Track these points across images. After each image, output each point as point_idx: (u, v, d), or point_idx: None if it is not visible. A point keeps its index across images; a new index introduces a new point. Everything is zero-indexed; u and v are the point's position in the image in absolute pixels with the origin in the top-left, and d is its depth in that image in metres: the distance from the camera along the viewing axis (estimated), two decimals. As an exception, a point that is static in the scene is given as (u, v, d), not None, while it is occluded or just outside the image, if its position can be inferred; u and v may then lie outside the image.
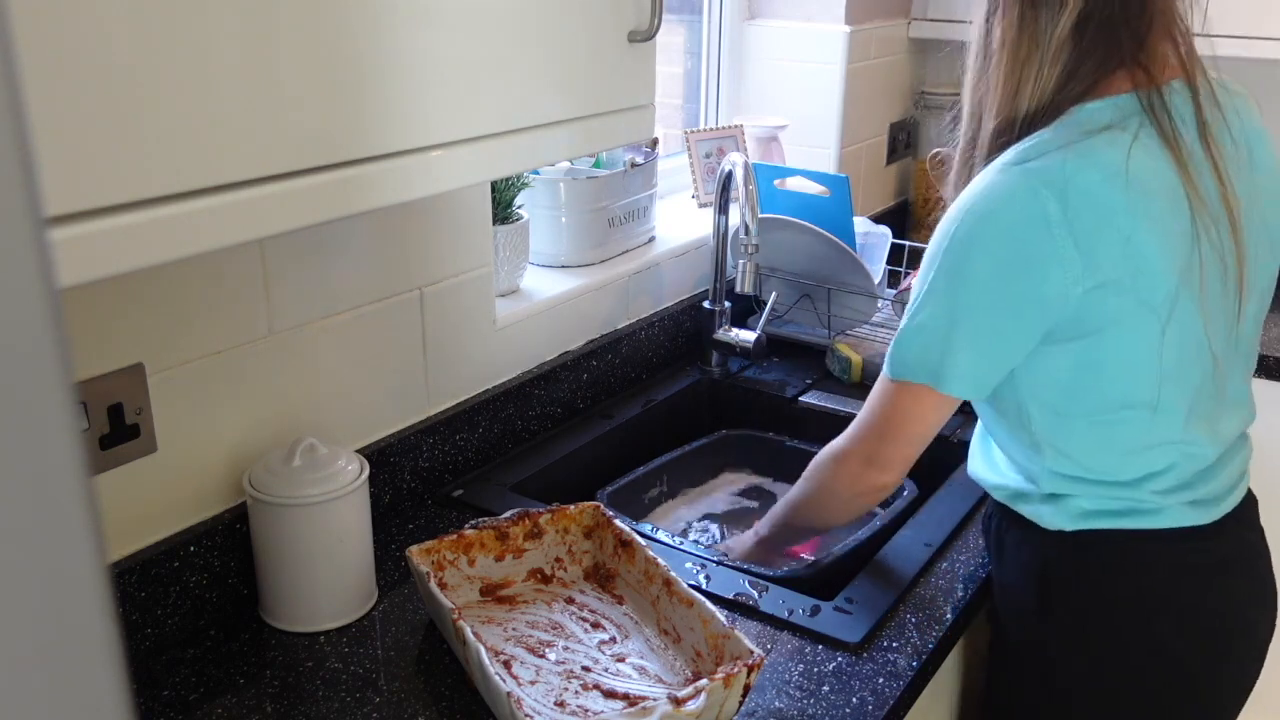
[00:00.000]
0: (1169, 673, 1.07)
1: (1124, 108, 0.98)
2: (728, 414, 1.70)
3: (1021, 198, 0.95)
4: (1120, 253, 0.94)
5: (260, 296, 1.11)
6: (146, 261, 0.66)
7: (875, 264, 1.80)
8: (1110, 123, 0.97)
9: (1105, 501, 1.05)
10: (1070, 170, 0.94)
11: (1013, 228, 0.96)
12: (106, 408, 0.98)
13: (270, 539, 1.06)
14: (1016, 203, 0.95)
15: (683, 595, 1.03)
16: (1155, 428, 1.02)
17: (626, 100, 1.01)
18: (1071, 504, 1.06)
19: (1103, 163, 0.95)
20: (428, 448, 1.33)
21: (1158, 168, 0.96)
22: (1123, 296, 0.96)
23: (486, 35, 0.85)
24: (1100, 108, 0.99)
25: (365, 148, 0.77)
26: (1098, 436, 1.03)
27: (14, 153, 0.26)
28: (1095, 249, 0.94)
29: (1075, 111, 0.99)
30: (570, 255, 1.63)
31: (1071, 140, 0.96)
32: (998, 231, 0.96)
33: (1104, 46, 0.99)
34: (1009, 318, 0.98)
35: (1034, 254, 0.95)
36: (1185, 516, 1.05)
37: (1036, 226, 0.94)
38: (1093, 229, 0.94)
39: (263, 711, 0.97)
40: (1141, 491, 1.04)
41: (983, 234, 0.97)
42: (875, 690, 1.01)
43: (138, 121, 0.63)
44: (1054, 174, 0.94)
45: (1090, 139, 0.96)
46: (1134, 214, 0.94)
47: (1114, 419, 1.02)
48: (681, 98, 2.18)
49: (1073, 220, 0.93)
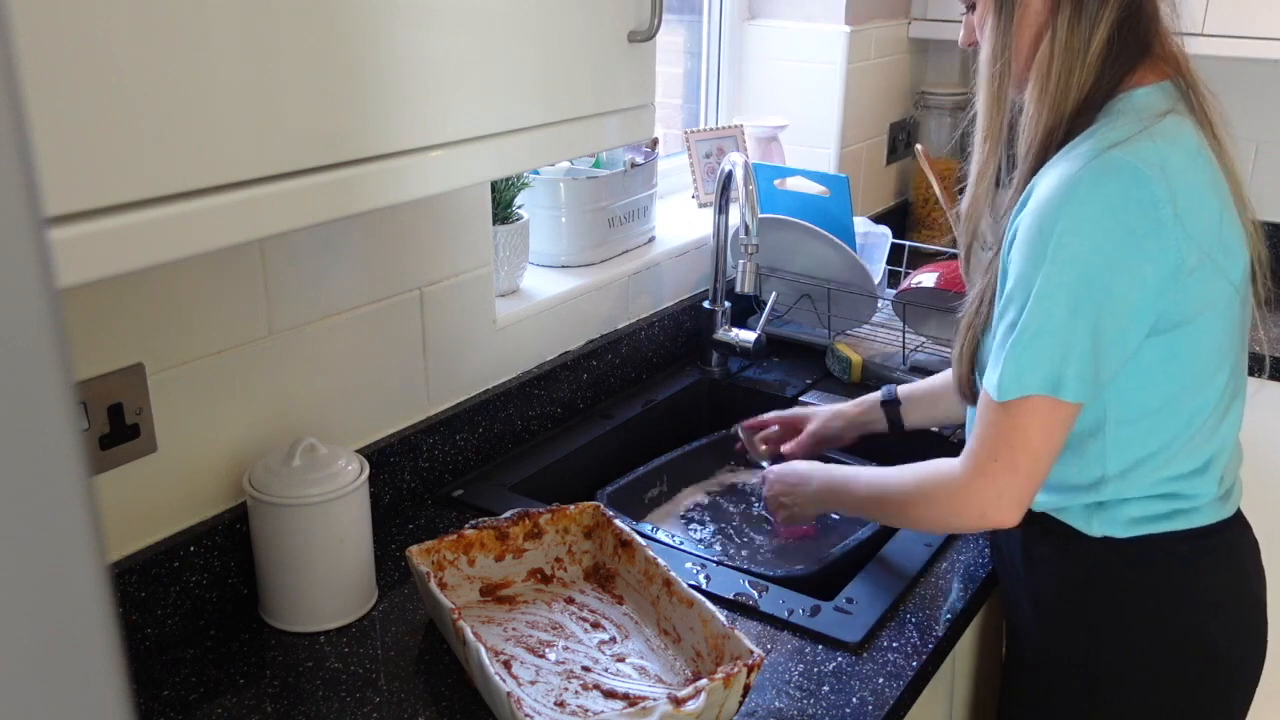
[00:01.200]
0: (1213, 665, 1.09)
1: (1170, 93, 1.01)
2: (728, 414, 1.70)
3: (1125, 182, 0.93)
4: (1214, 231, 0.96)
5: (260, 296, 1.11)
6: (146, 261, 0.66)
7: (875, 264, 1.80)
8: (1168, 107, 0.99)
9: (1154, 505, 1.05)
10: (1163, 152, 0.94)
11: (1122, 213, 0.93)
12: (106, 408, 0.98)
13: (270, 539, 1.06)
14: (1121, 187, 0.93)
15: (683, 595, 1.03)
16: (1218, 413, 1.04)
17: (626, 100, 1.01)
18: (1122, 511, 1.05)
19: (1182, 143, 0.97)
20: (428, 448, 1.33)
21: (1210, 150, 1.00)
22: (1219, 277, 0.98)
23: (486, 35, 0.85)
24: (1149, 93, 1.00)
25: (365, 148, 0.77)
26: (1171, 433, 1.03)
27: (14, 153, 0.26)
28: (1195, 226, 0.95)
29: (1126, 99, 1.00)
30: (570, 255, 1.63)
31: (1145, 125, 0.96)
32: (1107, 218, 0.93)
33: (1135, 42, 1.01)
34: (1134, 300, 0.95)
35: (1151, 231, 0.93)
36: (1215, 511, 1.07)
37: (1145, 209, 0.93)
38: (1193, 208, 0.95)
39: (263, 711, 0.97)
40: (1197, 482, 1.05)
41: (1092, 218, 0.93)
42: (875, 690, 1.01)
43: (138, 121, 0.63)
44: (1149, 156, 0.94)
45: (1161, 122, 0.97)
46: (1218, 192, 0.97)
47: (1191, 411, 1.03)
48: (681, 98, 2.18)
49: (1176, 200, 0.93)
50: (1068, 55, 1.00)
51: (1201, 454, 1.05)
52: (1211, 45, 1.90)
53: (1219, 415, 1.05)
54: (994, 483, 1.00)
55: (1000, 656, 1.41)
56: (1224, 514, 1.08)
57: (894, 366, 1.67)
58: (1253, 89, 2.15)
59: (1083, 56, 1.00)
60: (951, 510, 1.05)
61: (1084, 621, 1.10)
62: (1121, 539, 1.06)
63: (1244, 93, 2.14)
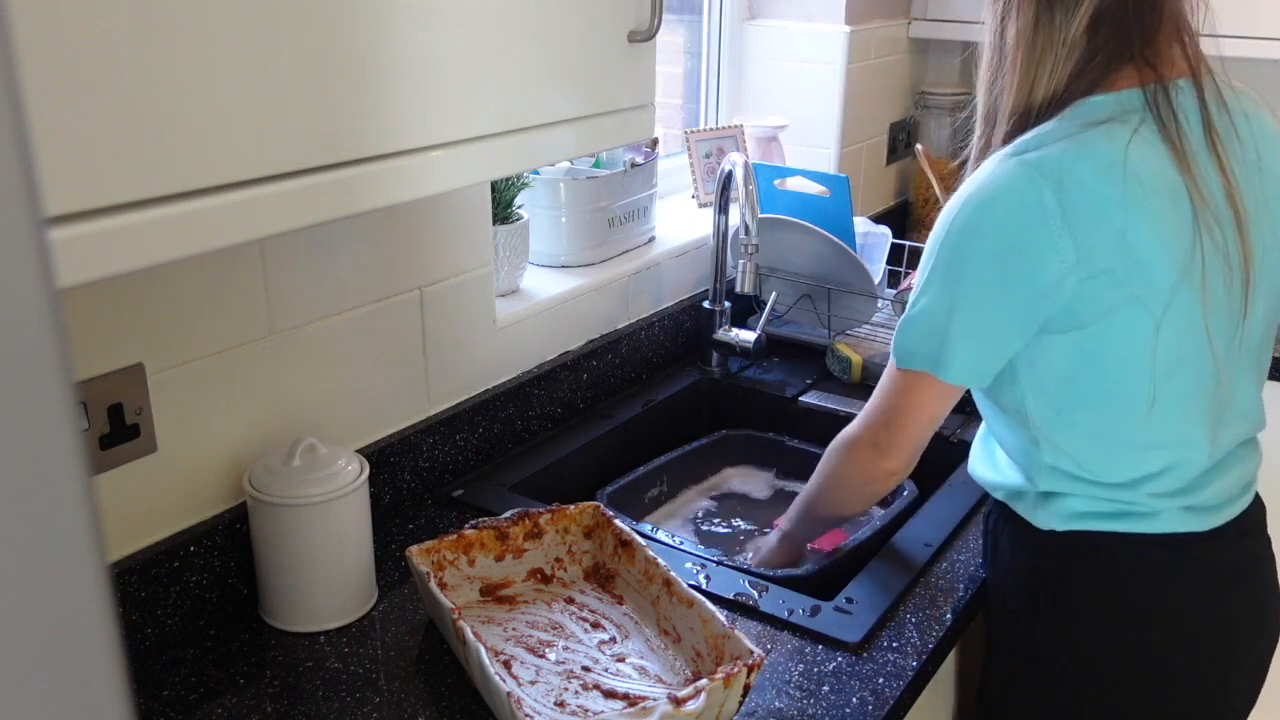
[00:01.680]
0: (1156, 680, 1.07)
1: (1126, 103, 0.99)
2: (728, 414, 1.70)
3: (1018, 187, 0.96)
4: (1115, 245, 0.95)
5: (260, 296, 1.11)
6: (146, 261, 0.66)
7: (875, 264, 1.80)
8: (1111, 116, 0.98)
9: (1099, 503, 1.05)
10: (1067, 161, 0.95)
11: (1009, 217, 0.96)
12: (106, 408, 0.98)
13: (270, 539, 1.06)
14: (1013, 192, 0.96)
15: (683, 595, 1.03)
16: (1151, 426, 1.01)
17: (626, 100, 1.01)
18: (1065, 504, 1.06)
19: (1098, 155, 0.95)
20: (428, 448, 1.33)
21: (1158, 164, 0.97)
22: (1117, 289, 0.96)
23: (486, 35, 0.85)
24: (1103, 101, 0.99)
25: (365, 148, 0.77)
26: (1094, 433, 1.03)
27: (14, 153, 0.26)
28: (1089, 239, 0.94)
29: (1079, 105, 1.00)
30: (570, 255, 1.63)
31: (1070, 132, 0.97)
32: (995, 221, 0.97)
33: (1115, 42, 0.99)
34: (1006, 306, 0.99)
35: (1030, 242, 0.95)
36: (1180, 522, 1.04)
37: (1032, 216, 0.95)
38: (1087, 219, 0.94)
39: (263, 711, 0.97)
40: (1137, 493, 1.04)
41: (980, 223, 0.98)
42: (875, 690, 1.01)
43: (138, 121, 0.63)
44: (1050, 164, 0.95)
45: (1088, 131, 0.97)
46: (1128, 207, 0.95)
47: (1110, 414, 1.02)
48: (681, 98, 2.18)
49: (1067, 210, 0.94)
50: (1036, 45, 1.00)
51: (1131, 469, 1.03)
52: (1211, 45, 1.90)
53: (1162, 429, 1.01)
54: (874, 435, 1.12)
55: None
56: (1192, 526, 1.04)
57: (894, 366, 1.67)
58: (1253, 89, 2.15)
59: (1053, 49, 1.00)
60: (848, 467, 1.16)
61: (1030, 612, 1.11)
62: (1063, 532, 1.06)
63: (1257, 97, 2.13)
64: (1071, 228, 0.94)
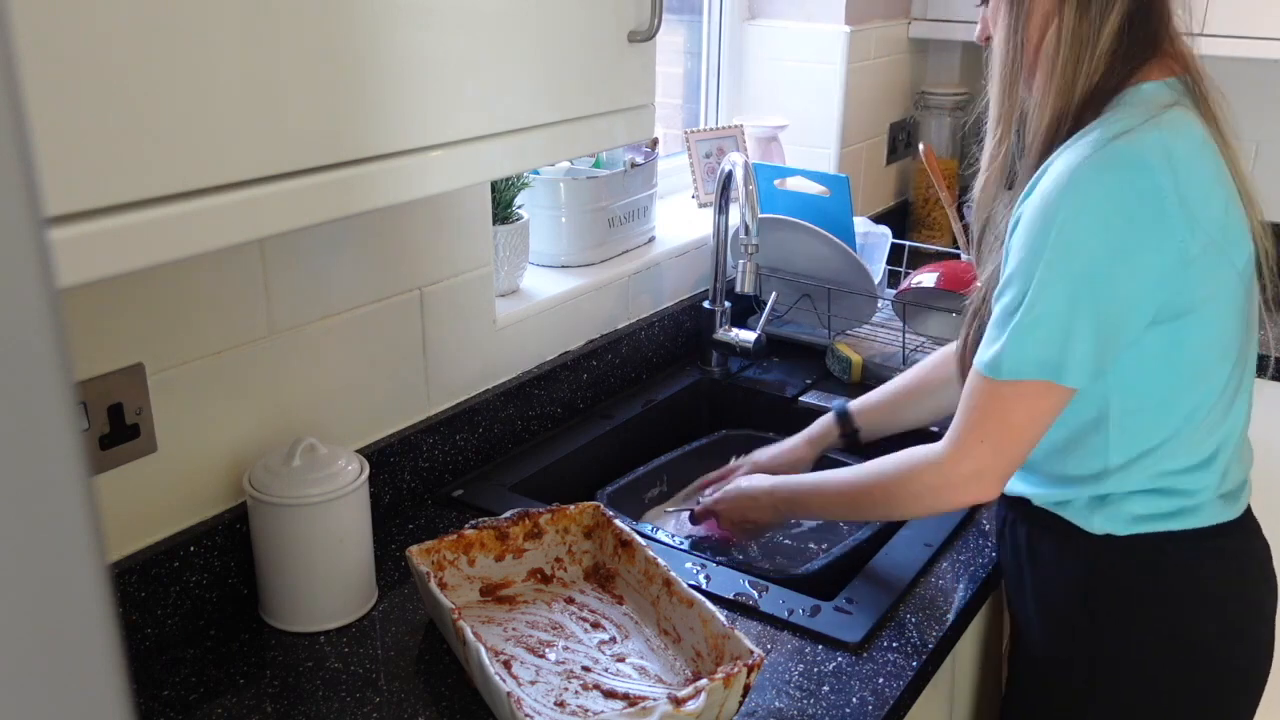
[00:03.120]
0: (1211, 670, 1.09)
1: (1176, 89, 1.02)
2: (728, 414, 1.70)
3: (1131, 167, 0.95)
4: (1221, 219, 0.98)
5: (260, 296, 1.11)
6: (146, 261, 0.66)
7: (875, 264, 1.80)
8: (1173, 100, 1.00)
9: (1156, 503, 1.05)
10: (1168, 141, 0.96)
11: (1125, 202, 0.94)
12: (106, 408, 0.98)
13: (270, 539, 1.06)
14: (1127, 173, 0.95)
15: (683, 595, 1.03)
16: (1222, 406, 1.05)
17: (626, 100, 1.01)
18: (1124, 508, 1.06)
19: (1188, 134, 0.98)
20: (428, 448, 1.33)
21: (1214, 143, 1.01)
22: (1223, 265, 0.99)
23: (486, 35, 0.85)
24: (1157, 88, 1.01)
25: (365, 148, 0.77)
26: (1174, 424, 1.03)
27: (14, 153, 0.26)
28: (1201, 215, 0.96)
29: (1133, 92, 1.01)
30: (570, 255, 1.63)
31: (1151, 115, 0.97)
32: (1111, 203, 0.95)
33: (1145, 38, 1.02)
34: (1133, 288, 0.96)
35: (1153, 221, 0.94)
36: (1218, 512, 1.07)
37: (1151, 194, 0.94)
38: (1199, 196, 0.96)
39: (263, 711, 0.97)
40: (1191, 480, 1.05)
41: (1093, 208, 0.95)
42: (875, 690, 1.01)
43: (138, 121, 0.63)
44: (1154, 146, 0.95)
45: (1168, 113, 0.98)
46: (1223, 182, 0.99)
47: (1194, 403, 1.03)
48: (681, 98, 2.18)
49: (1182, 188, 0.95)
50: (1075, 45, 1.01)
51: (1204, 447, 1.05)
52: (1212, 45, 1.90)
53: (1223, 408, 1.05)
54: (977, 461, 1.03)
55: (1000, 655, 1.41)
56: (1228, 515, 1.08)
57: (894, 366, 1.67)
58: (1253, 89, 2.15)
59: (1091, 47, 1.01)
60: (935, 490, 1.07)
61: (1085, 619, 1.10)
62: (1122, 536, 1.06)
63: (1244, 93, 2.13)
64: (1187, 206, 0.95)
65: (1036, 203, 0.98)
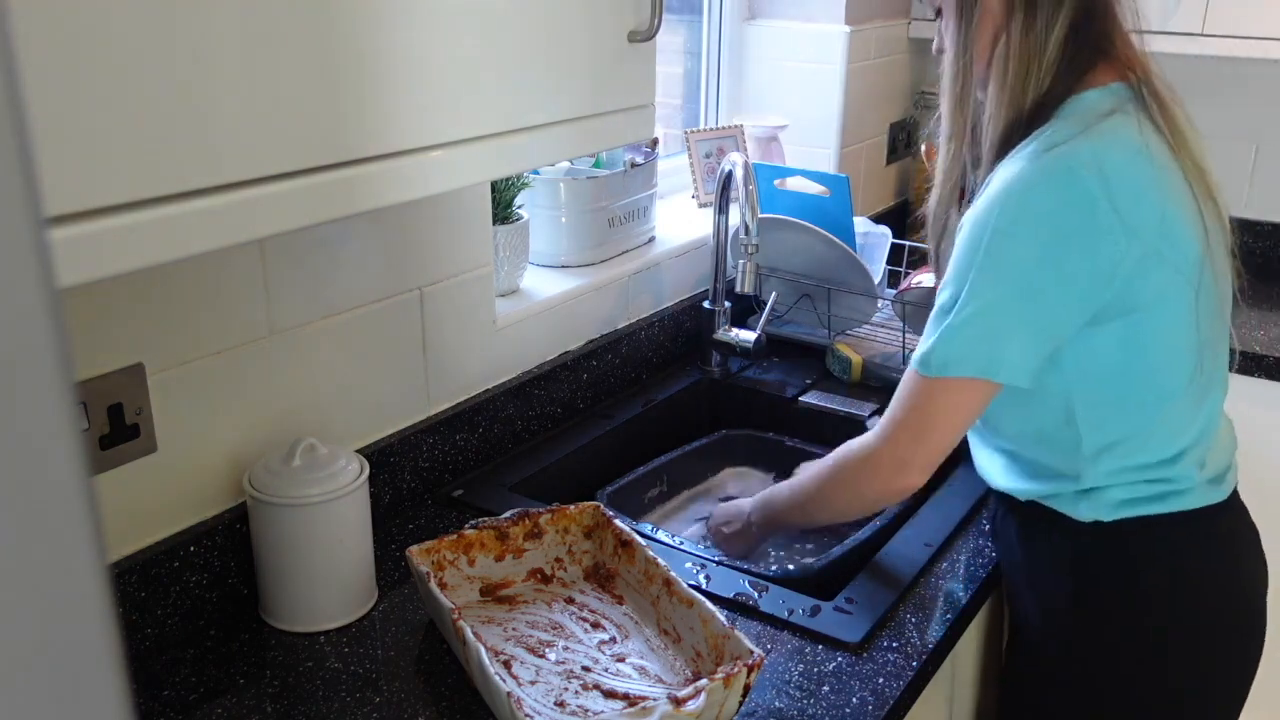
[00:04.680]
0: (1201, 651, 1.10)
1: (1119, 94, 1.04)
2: (728, 414, 1.70)
3: (1061, 179, 0.98)
4: (1157, 223, 0.99)
5: (260, 296, 1.11)
6: (146, 261, 0.66)
7: (875, 264, 1.80)
8: (1113, 107, 1.02)
9: (1139, 488, 1.07)
10: (1099, 150, 0.98)
11: (1057, 209, 0.98)
12: (106, 408, 0.98)
13: (270, 539, 1.06)
14: (1057, 184, 0.98)
15: (683, 595, 1.03)
16: (1190, 400, 1.06)
17: (626, 100, 1.01)
18: (1108, 495, 1.08)
19: (1124, 142, 1.00)
20: (428, 448, 1.33)
21: (1160, 147, 1.02)
22: (1164, 268, 1.00)
23: (486, 35, 0.85)
24: (1099, 95, 1.03)
25: (365, 148, 0.77)
26: (1140, 416, 1.05)
27: (14, 153, 0.26)
28: (1136, 221, 0.98)
29: (1074, 101, 1.03)
30: (570, 255, 1.63)
31: (1085, 125, 1.00)
32: (1041, 214, 0.99)
33: (1091, 44, 1.04)
34: (1060, 296, 1.00)
35: (1081, 230, 0.97)
36: (1206, 495, 1.08)
37: (1080, 204, 0.97)
38: (1132, 202, 0.98)
39: (263, 711, 0.97)
40: (1174, 469, 1.06)
41: (1025, 219, 0.99)
42: (875, 690, 1.01)
43: (138, 121, 0.63)
44: (1085, 154, 0.98)
45: (1104, 122, 1.00)
46: (1160, 187, 1.00)
47: (1156, 395, 1.05)
48: (681, 98, 2.18)
49: (1114, 195, 0.97)
50: (1023, 56, 1.04)
51: (1176, 442, 1.07)
52: (1211, 45, 1.90)
53: (1192, 403, 1.07)
54: (900, 450, 1.08)
55: (1001, 652, 1.41)
56: (1215, 498, 1.09)
57: (894, 366, 1.67)
58: (1253, 89, 2.15)
59: (1039, 57, 1.03)
60: (862, 479, 1.13)
61: (1078, 605, 1.12)
62: (1110, 521, 1.08)
63: (1244, 93, 2.14)
64: (1119, 211, 0.97)
65: (975, 213, 1.02)
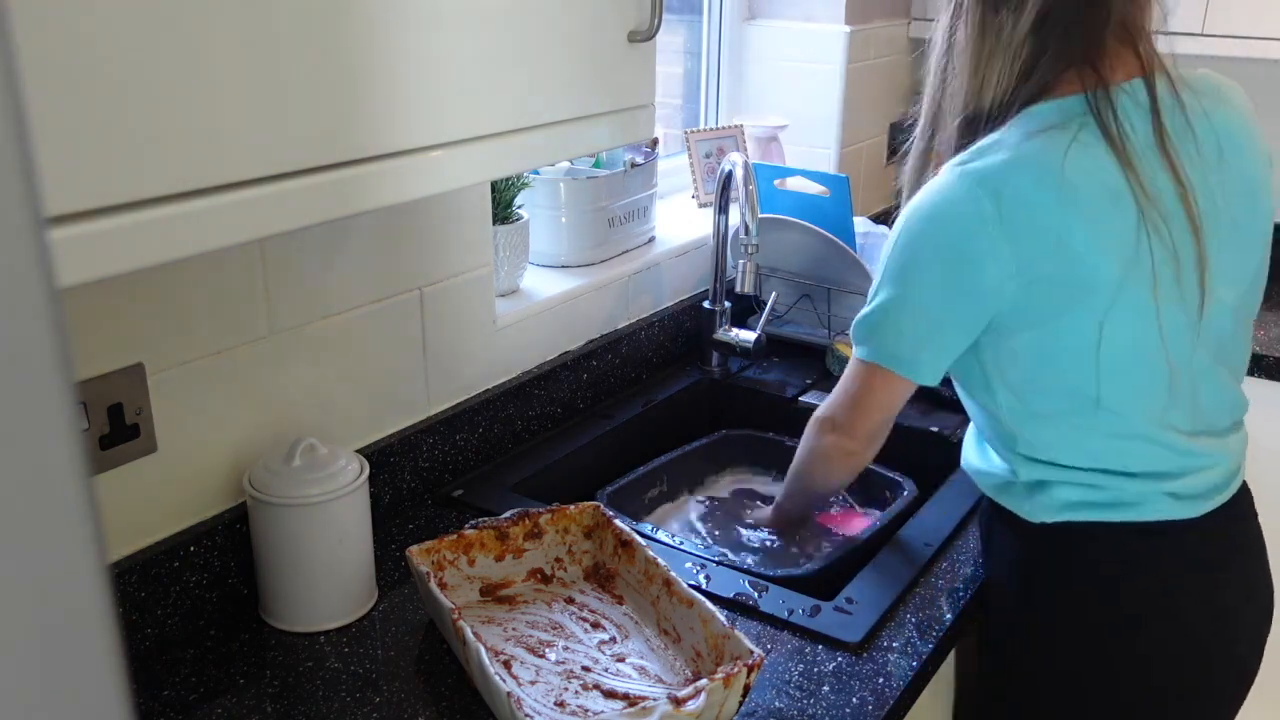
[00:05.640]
0: (1152, 664, 1.08)
1: (1068, 109, 1.01)
2: (728, 414, 1.70)
3: (960, 198, 1.00)
4: (1052, 250, 0.98)
5: (260, 296, 1.10)
6: (146, 261, 0.66)
7: (875, 264, 1.80)
8: (1052, 124, 1.00)
9: (1088, 491, 1.06)
10: (1005, 172, 0.99)
11: (952, 226, 1.01)
12: (106, 408, 0.98)
13: (270, 539, 1.06)
14: (955, 203, 1.00)
15: (683, 595, 1.03)
16: (1109, 421, 1.04)
17: (626, 100, 1.01)
18: (1054, 494, 1.07)
19: (1037, 165, 0.98)
20: (428, 448, 1.33)
21: (1097, 166, 0.98)
22: (1058, 290, 1.00)
23: (486, 35, 0.85)
24: (1047, 109, 1.02)
25: (365, 148, 0.77)
26: (1059, 425, 1.06)
27: (14, 153, 0.26)
28: (1027, 246, 0.98)
29: (1024, 114, 1.03)
30: (570, 255, 1.63)
31: (1012, 143, 1.00)
32: (940, 229, 1.02)
33: (1059, 45, 1.01)
34: (949, 309, 1.04)
35: (971, 249, 1.00)
36: (1166, 509, 1.05)
37: (972, 225, 0.99)
38: (1024, 227, 0.98)
39: (263, 711, 0.97)
40: (1116, 480, 1.06)
41: (926, 231, 1.03)
42: (875, 690, 1.01)
43: (137, 121, 0.63)
44: (990, 175, 0.99)
45: (1029, 142, 0.99)
46: (1065, 212, 0.98)
47: (1069, 408, 1.05)
48: (681, 98, 2.18)
49: (1005, 218, 0.98)
50: (985, 50, 1.03)
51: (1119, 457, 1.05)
52: (1211, 45, 1.90)
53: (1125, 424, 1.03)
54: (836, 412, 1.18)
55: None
56: (1180, 514, 1.05)
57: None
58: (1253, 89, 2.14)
59: (1001, 53, 1.02)
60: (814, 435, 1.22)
61: (1022, 604, 1.12)
62: (1055, 523, 1.08)
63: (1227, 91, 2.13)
64: (1010, 235, 0.98)
65: (905, 208, 1.07)
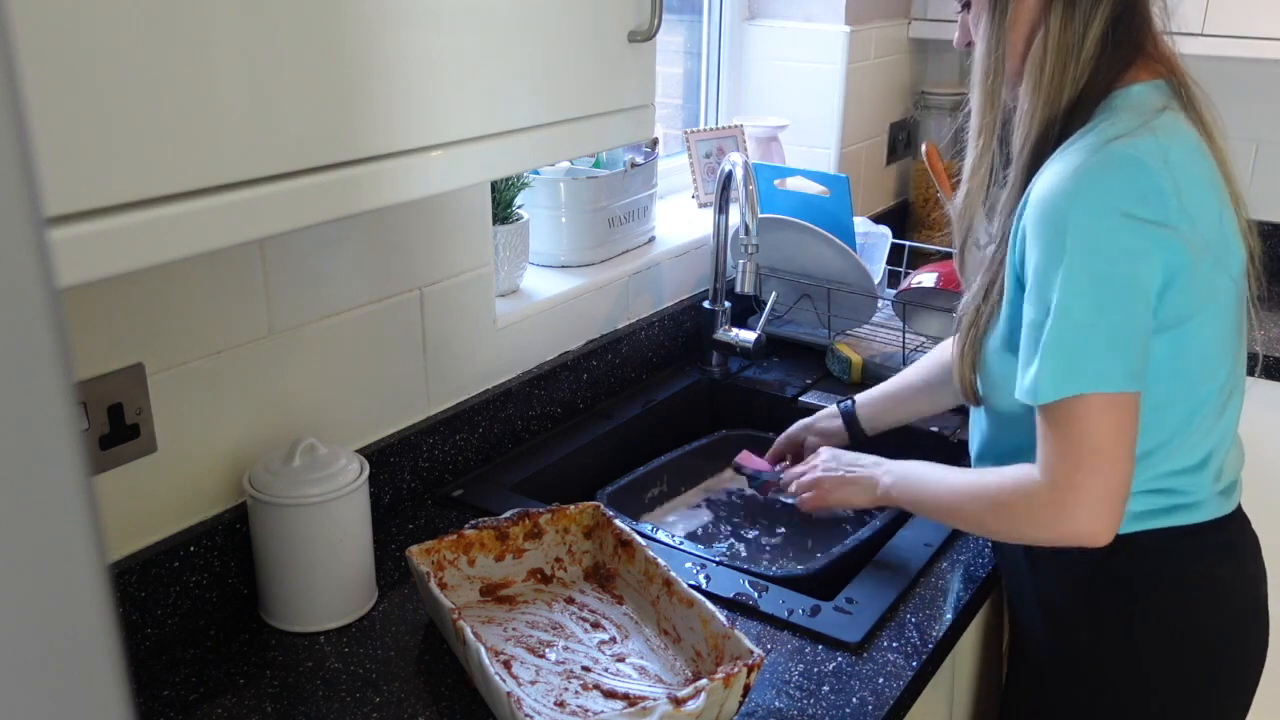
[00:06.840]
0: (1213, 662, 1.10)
1: (1164, 91, 1.01)
2: (728, 414, 1.70)
3: (1132, 173, 0.93)
4: (1216, 225, 0.97)
5: (260, 296, 1.10)
6: (146, 261, 0.66)
7: (875, 264, 1.80)
8: (1164, 104, 0.99)
9: (1153, 500, 1.05)
10: (1164, 145, 0.95)
11: (1131, 204, 0.92)
12: (106, 408, 0.98)
13: (270, 539, 1.06)
14: (1128, 179, 0.93)
15: (683, 595, 1.03)
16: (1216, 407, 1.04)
17: (627, 100, 1.01)
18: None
19: (1182, 138, 0.97)
20: (428, 448, 1.33)
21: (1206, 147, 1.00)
22: (1218, 270, 0.98)
23: (486, 35, 0.85)
24: (1145, 90, 1.01)
25: (365, 148, 0.77)
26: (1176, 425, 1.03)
27: (14, 153, 0.26)
28: (1200, 221, 0.96)
29: (1123, 95, 1.00)
30: (570, 255, 1.63)
31: (1145, 119, 0.97)
32: (1119, 208, 0.92)
33: (1129, 40, 1.01)
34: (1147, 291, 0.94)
35: (1155, 226, 0.92)
36: (1216, 507, 1.08)
37: (1153, 199, 0.92)
38: (1196, 201, 0.95)
39: (263, 711, 0.97)
40: (1194, 479, 1.05)
41: (1103, 212, 0.92)
42: (875, 690, 1.01)
43: (137, 121, 0.63)
44: (1151, 149, 0.94)
45: (1159, 117, 0.97)
46: (1215, 186, 0.98)
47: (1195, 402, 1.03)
48: (681, 98, 2.18)
49: (1181, 193, 0.94)
50: (1061, 51, 1.01)
51: (1200, 449, 1.05)
52: (1211, 45, 1.90)
53: (1217, 411, 1.06)
54: (1080, 493, 0.95)
55: (1001, 655, 1.41)
56: (1224, 510, 1.08)
57: (894, 366, 1.66)
58: (1253, 89, 2.15)
59: (1077, 53, 1.00)
60: (1035, 524, 0.99)
61: (1089, 618, 1.10)
62: (1122, 535, 1.05)
63: (1244, 93, 2.14)
64: (1187, 211, 0.94)
65: (1043, 211, 0.95)
